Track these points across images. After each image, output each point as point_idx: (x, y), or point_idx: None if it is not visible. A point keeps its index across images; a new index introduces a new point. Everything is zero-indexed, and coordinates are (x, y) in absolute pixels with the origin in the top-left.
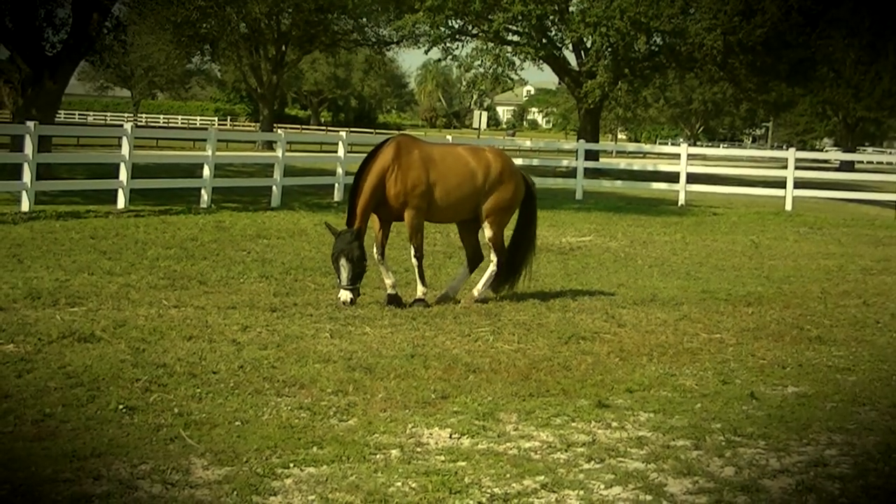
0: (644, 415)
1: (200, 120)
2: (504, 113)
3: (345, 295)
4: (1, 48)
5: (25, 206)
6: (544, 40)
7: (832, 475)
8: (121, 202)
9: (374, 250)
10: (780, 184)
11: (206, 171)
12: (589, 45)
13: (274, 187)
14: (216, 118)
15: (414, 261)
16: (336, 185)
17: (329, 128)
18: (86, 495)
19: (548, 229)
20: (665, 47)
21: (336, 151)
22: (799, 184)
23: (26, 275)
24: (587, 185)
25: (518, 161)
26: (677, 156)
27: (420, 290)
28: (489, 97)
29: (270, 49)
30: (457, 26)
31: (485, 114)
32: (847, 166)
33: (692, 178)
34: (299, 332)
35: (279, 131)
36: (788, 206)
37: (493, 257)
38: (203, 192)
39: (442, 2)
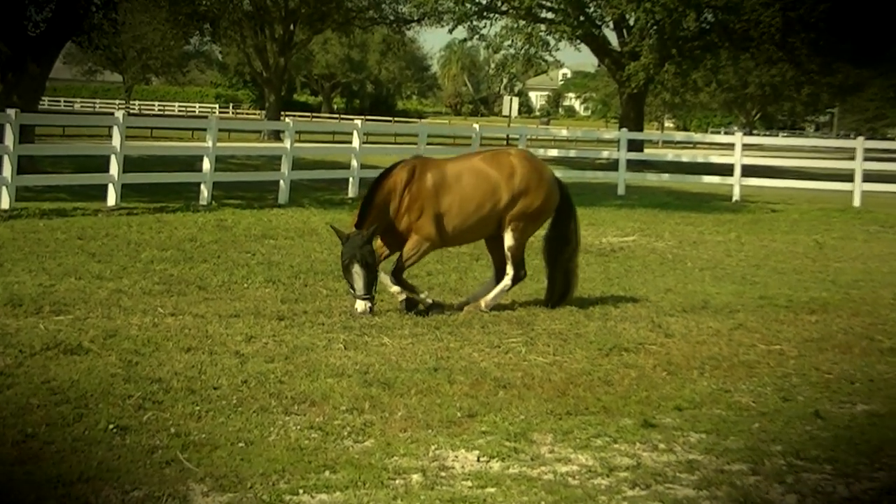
0: (695, 436)
1: (200, 107)
2: (537, 99)
3: (362, 305)
4: None
5: (6, 203)
6: (582, 17)
7: None
8: (111, 199)
9: None
10: (848, 177)
11: (206, 165)
12: (632, 22)
13: (281, 182)
14: (217, 105)
15: (390, 276)
16: (350, 179)
17: (342, 116)
18: None
19: (587, 228)
20: (717, 24)
21: (350, 142)
22: (869, 177)
23: (6, 279)
24: (630, 179)
25: (553, 152)
26: (731, 146)
27: (421, 296)
28: (520, 81)
29: (277, 28)
30: (484, 2)
31: (516, 100)
32: None
33: (748, 171)
34: (310, 342)
35: (287, 120)
36: (857, 202)
37: (509, 269)
38: (203, 187)
39: None
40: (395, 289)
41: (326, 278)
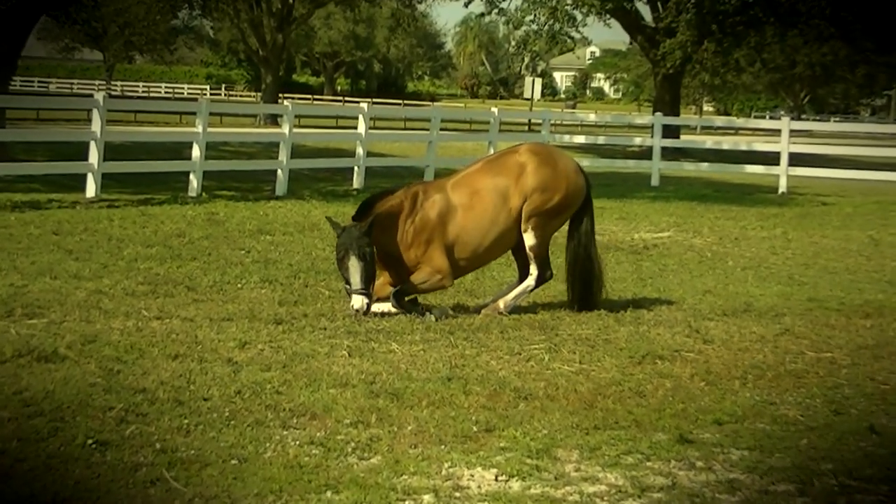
0: (736, 452)
1: (189, 89)
2: (562, 80)
3: (358, 301)
4: None
5: None
6: None
7: None
8: (91, 190)
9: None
10: None
11: (196, 152)
12: None
13: (279, 171)
14: (208, 86)
15: (391, 302)
16: (355, 168)
17: (347, 98)
18: None
19: (617, 223)
20: None
21: (356, 127)
22: None
23: None
24: (665, 169)
25: (579, 139)
26: (777, 132)
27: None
28: (544, 60)
29: (275, 1)
30: None
31: (538, 81)
32: None
33: (796, 160)
34: (310, 349)
35: (286, 103)
36: None
37: (534, 270)
38: (192, 177)
39: None
40: (385, 308)
41: (329, 278)
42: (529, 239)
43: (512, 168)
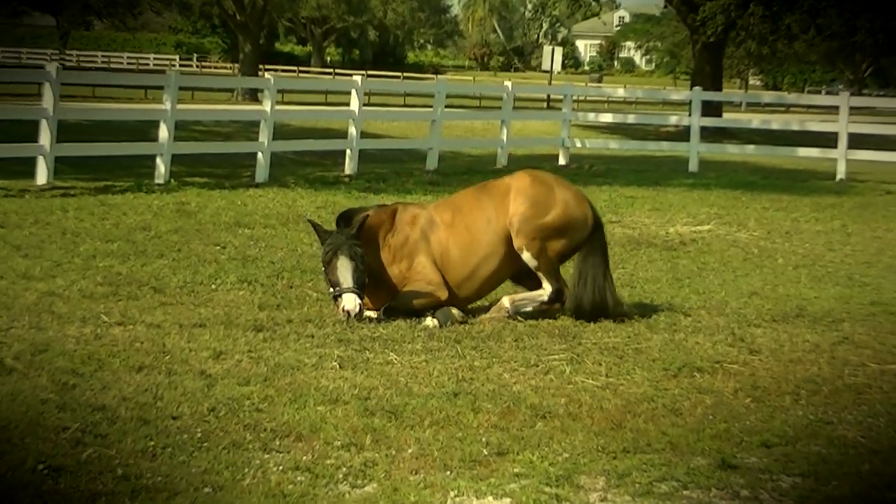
0: (787, 479)
1: (155, 59)
2: (586, 49)
3: (350, 301)
4: None
5: None
6: None
7: None
8: (42, 176)
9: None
10: None
11: (164, 132)
12: None
13: (259, 155)
14: (177, 56)
15: (377, 312)
16: (347, 151)
17: (338, 70)
18: None
19: (650, 215)
20: None
21: (348, 104)
22: None
23: None
24: (705, 153)
25: (606, 117)
26: (835, 109)
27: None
28: (565, 27)
29: None
30: None
31: (559, 50)
32: None
33: (856, 142)
34: (295, 360)
35: (267, 75)
36: None
37: (545, 285)
38: (159, 161)
39: None
40: (375, 314)
41: (316, 278)
42: (529, 259)
43: (500, 188)
